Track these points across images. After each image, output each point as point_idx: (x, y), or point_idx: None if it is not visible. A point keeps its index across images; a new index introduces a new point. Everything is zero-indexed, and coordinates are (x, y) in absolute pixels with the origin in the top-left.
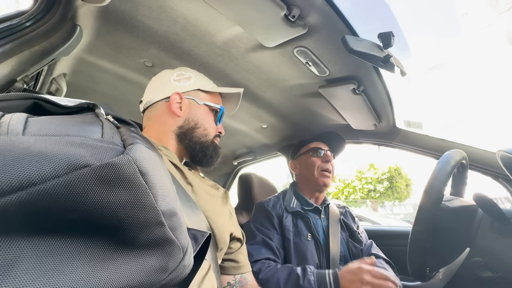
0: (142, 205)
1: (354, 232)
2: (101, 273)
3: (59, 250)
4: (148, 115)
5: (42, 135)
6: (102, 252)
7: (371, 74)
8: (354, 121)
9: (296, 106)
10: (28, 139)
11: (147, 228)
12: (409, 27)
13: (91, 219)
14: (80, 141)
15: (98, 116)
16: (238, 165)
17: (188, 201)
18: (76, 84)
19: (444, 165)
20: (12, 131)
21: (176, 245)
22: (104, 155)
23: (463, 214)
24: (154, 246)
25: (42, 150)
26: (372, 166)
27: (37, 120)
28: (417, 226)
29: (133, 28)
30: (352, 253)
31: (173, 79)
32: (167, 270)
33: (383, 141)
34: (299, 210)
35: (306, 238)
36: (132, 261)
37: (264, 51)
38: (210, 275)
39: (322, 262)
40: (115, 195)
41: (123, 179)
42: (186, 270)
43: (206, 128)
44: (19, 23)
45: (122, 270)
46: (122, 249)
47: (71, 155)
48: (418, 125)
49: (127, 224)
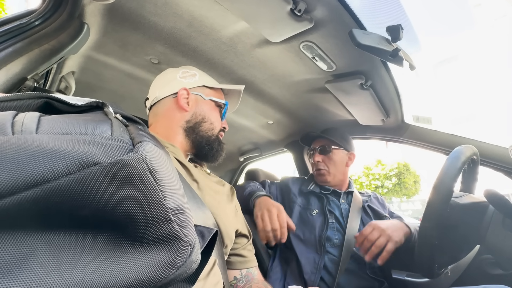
0: (151, 202)
1: (383, 218)
2: (112, 268)
3: (72, 245)
4: (155, 111)
5: (55, 134)
6: (113, 247)
7: (379, 69)
8: (361, 117)
9: (303, 102)
10: (41, 137)
11: (155, 224)
12: (418, 19)
13: (102, 215)
14: (90, 139)
15: (107, 115)
16: (244, 161)
17: (194, 198)
18: (84, 82)
19: (454, 161)
20: (26, 129)
21: (184, 241)
22: (114, 153)
23: (474, 210)
24: (162, 242)
25: (55, 148)
26: (379, 162)
27: (49, 119)
28: (425, 222)
29: (139, 25)
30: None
31: (179, 76)
32: (175, 265)
33: (391, 137)
34: (314, 191)
35: (311, 213)
36: (142, 256)
37: (270, 47)
38: (216, 270)
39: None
40: (125, 192)
41: (133, 176)
42: (194, 265)
43: (212, 122)
44: (28, 22)
45: (132, 265)
46: (132, 244)
47: (83, 153)
48: (427, 120)
49: (136, 220)
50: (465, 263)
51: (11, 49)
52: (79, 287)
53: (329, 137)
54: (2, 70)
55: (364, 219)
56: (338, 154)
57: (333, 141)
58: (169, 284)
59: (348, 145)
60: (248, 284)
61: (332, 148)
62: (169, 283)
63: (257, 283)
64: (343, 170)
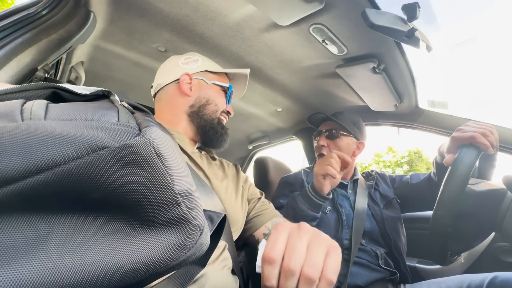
0: (159, 185)
1: (391, 200)
2: (125, 249)
3: (85, 227)
4: (159, 98)
5: (63, 120)
6: (124, 230)
7: (393, 51)
8: (373, 102)
9: (312, 88)
10: (50, 123)
11: (164, 207)
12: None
13: (112, 198)
14: (98, 125)
15: (113, 103)
16: (253, 149)
17: (202, 186)
18: (93, 72)
19: (470, 147)
20: (34, 116)
21: (193, 224)
22: (121, 137)
23: (491, 198)
24: (172, 225)
25: (64, 133)
26: (390, 149)
27: (57, 106)
28: (439, 210)
29: (145, 12)
30: (389, 226)
31: (181, 63)
32: (185, 247)
33: (404, 123)
34: None
35: (325, 211)
36: (153, 238)
37: (278, 31)
38: (225, 254)
39: (341, 234)
40: (133, 175)
41: (140, 159)
42: (203, 248)
43: (217, 104)
44: (36, 11)
45: (144, 246)
46: (142, 226)
47: (91, 137)
48: (443, 104)
49: (146, 203)
50: (478, 251)
51: (21, 39)
52: (95, 267)
53: (339, 122)
54: (13, 61)
55: (371, 207)
56: (346, 141)
57: (343, 126)
58: (181, 265)
59: (359, 132)
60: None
61: (340, 134)
62: (180, 264)
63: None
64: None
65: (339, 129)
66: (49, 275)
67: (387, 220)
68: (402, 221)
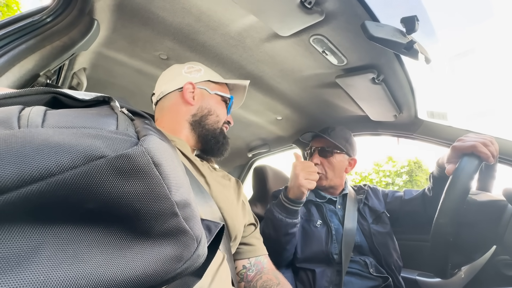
0: (156, 196)
1: (380, 215)
2: (119, 261)
3: (79, 239)
4: (161, 106)
5: (60, 127)
6: (119, 241)
7: (392, 62)
8: (373, 112)
9: (312, 97)
10: (46, 131)
11: (161, 218)
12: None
13: (107, 208)
14: (95, 133)
15: (113, 109)
16: (253, 157)
17: (201, 192)
18: (95, 78)
19: (472, 156)
20: (31, 123)
21: (190, 235)
22: (118, 146)
23: (491, 209)
24: (168, 236)
25: (60, 142)
26: (390, 158)
27: (55, 113)
28: (440, 219)
29: (148, 21)
30: (377, 241)
31: (184, 71)
32: (181, 259)
33: (404, 133)
34: (312, 199)
35: (315, 225)
36: (148, 250)
37: (279, 41)
38: (225, 265)
39: (331, 248)
40: (130, 185)
41: (137, 169)
42: (200, 259)
43: (218, 115)
44: (40, 19)
45: (138, 259)
46: (138, 238)
47: (87, 146)
48: (442, 115)
49: (142, 214)
50: (479, 264)
51: (24, 46)
52: (87, 280)
53: (332, 139)
54: (16, 67)
55: (359, 222)
56: (339, 158)
57: (335, 144)
58: (176, 277)
59: (351, 149)
60: (259, 275)
61: (333, 152)
62: (175, 276)
63: (267, 273)
64: (341, 175)
65: (332, 147)
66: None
67: (375, 235)
68: (393, 236)
